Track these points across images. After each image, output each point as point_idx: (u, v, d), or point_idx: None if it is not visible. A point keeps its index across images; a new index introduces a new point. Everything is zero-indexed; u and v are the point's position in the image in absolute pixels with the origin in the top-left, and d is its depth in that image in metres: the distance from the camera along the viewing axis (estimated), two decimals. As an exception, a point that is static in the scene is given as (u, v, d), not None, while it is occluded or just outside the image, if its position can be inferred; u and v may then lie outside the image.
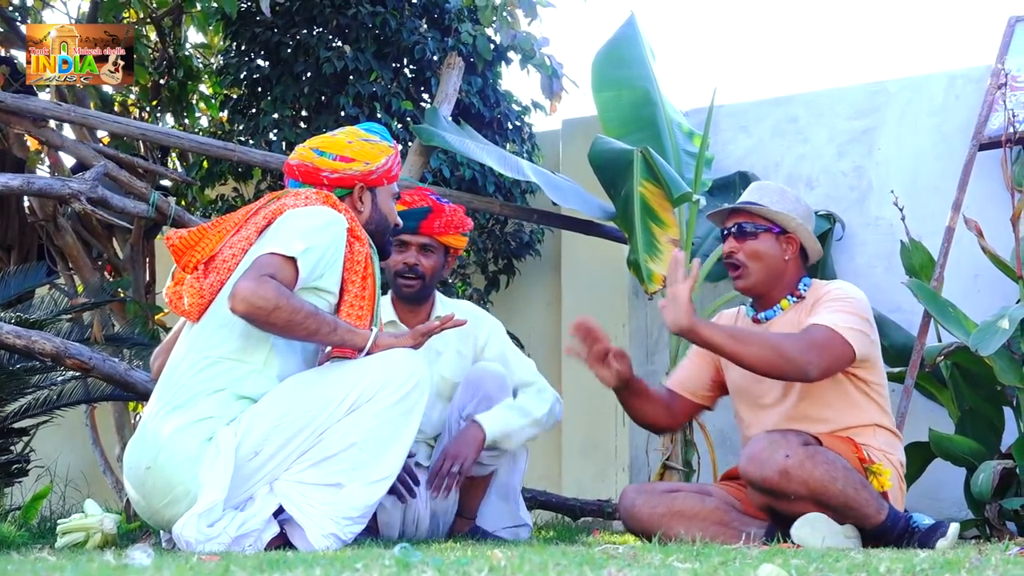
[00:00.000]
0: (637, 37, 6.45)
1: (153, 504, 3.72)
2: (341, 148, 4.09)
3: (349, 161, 4.07)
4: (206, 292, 3.84)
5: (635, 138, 6.00)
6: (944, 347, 5.23)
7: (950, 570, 2.68)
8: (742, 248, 4.42)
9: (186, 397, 3.71)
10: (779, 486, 4.00)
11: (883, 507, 4.05)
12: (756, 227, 4.42)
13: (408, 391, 3.77)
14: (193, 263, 3.89)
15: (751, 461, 4.06)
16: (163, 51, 7.46)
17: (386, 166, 4.13)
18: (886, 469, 4.23)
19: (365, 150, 4.11)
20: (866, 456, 4.24)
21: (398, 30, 6.60)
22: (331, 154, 4.08)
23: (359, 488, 3.72)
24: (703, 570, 2.64)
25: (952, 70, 6.27)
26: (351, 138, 4.13)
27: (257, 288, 3.60)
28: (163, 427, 3.69)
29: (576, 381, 6.86)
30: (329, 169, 4.05)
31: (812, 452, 4.03)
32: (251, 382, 3.75)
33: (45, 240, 7.27)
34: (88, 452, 7.50)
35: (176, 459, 3.65)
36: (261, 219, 3.90)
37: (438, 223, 4.71)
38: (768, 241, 4.42)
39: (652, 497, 4.34)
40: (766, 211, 4.41)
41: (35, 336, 4.83)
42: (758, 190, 4.54)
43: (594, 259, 6.79)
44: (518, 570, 2.49)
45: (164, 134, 6.18)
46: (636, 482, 6.58)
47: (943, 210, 5.67)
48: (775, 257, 4.42)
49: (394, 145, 4.20)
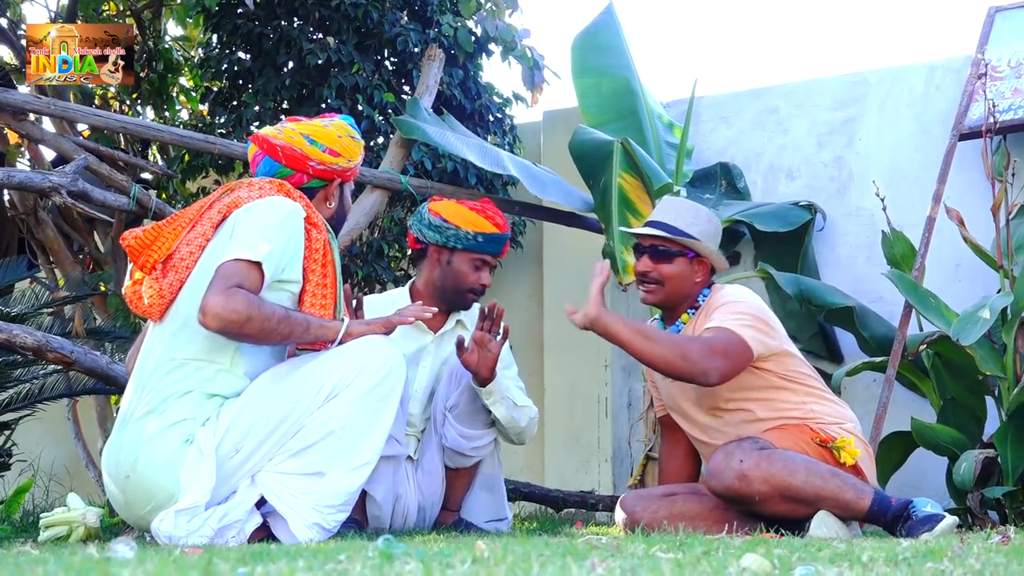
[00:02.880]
0: (616, 25, 6.45)
1: (136, 511, 3.71)
2: (332, 141, 4.06)
3: (336, 155, 4.06)
4: (166, 291, 3.80)
5: (615, 127, 6.00)
6: (926, 336, 5.24)
7: (932, 559, 2.68)
8: (656, 268, 4.51)
9: (157, 401, 3.69)
10: (741, 490, 4.07)
11: (864, 492, 4.09)
12: (670, 251, 4.50)
13: (384, 376, 3.76)
14: (151, 263, 3.83)
15: (711, 476, 4.16)
16: (143, 44, 7.44)
17: (358, 164, 4.17)
18: (848, 439, 4.32)
19: (349, 147, 4.10)
20: (825, 435, 4.32)
21: (380, 22, 6.59)
22: (323, 145, 4.04)
23: (340, 475, 3.71)
24: (686, 560, 2.64)
25: (932, 61, 6.28)
26: (341, 132, 4.10)
27: (227, 302, 3.57)
28: (138, 433, 3.67)
29: (558, 373, 6.88)
30: (318, 160, 4.03)
31: (768, 453, 4.12)
32: (219, 381, 3.74)
33: (26, 234, 7.26)
34: (70, 446, 7.49)
35: (155, 465, 3.64)
36: (216, 213, 3.85)
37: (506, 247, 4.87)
38: (681, 265, 4.51)
39: (651, 502, 4.40)
40: (682, 240, 4.47)
41: (16, 330, 4.82)
42: (673, 209, 4.58)
43: (576, 251, 6.79)
44: (501, 561, 2.49)
45: (145, 127, 6.16)
46: (618, 473, 6.61)
47: (924, 200, 5.68)
48: (686, 279, 4.52)
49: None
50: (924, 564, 2.56)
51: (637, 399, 6.67)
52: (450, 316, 4.81)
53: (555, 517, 5.80)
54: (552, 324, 6.95)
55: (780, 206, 6.22)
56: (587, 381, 6.83)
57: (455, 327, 4.80)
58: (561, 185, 6.06)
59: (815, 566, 2.45)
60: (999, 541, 3.27)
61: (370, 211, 5.85)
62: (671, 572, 2.37)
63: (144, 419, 3.68)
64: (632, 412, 6.71)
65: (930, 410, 5.47)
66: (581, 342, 6.78)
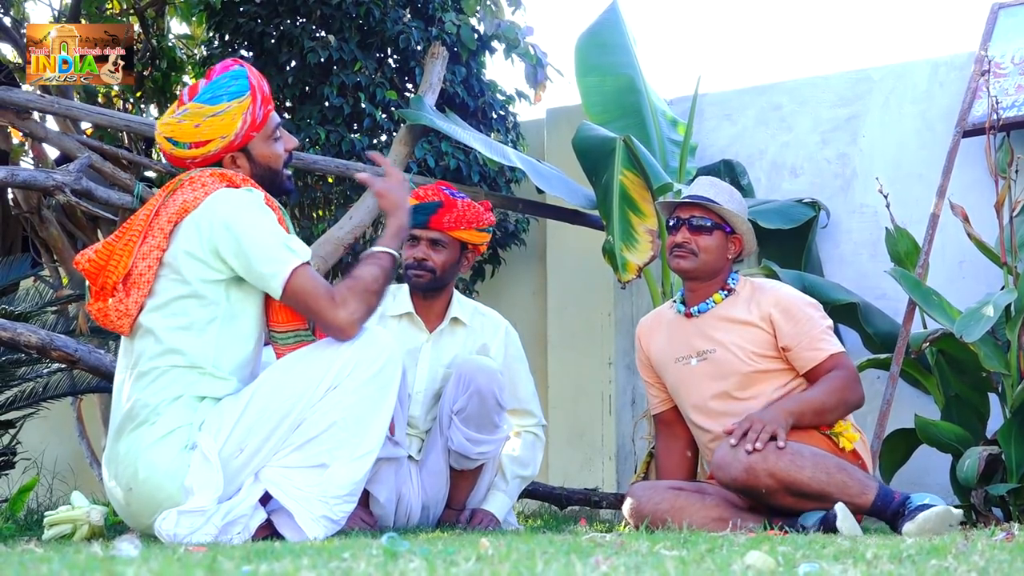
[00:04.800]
0: (620, 23, 6.45)
1: (143, 520, 3.70)
2: (190, 135, 3.85)
3: (204, 144, 3.85)
4: (131, 308, 3.74)
5: (619, 125, 6.00)
6: (929, 334, 5.24)
7: (937, 556, 2.68)
8: (693, 240, 4.55)
9: (147, 412, 3.66)
10: (748, 482, 4.11)
11: (868, 487, 4.11)
12: (710, 224, 4.55)
13: (382, 365, 3.76)
14: (111, 284, 3.77)
15: (718, 467, 4.20)
16: (146, 42, 7.44)
17: (246, 124, 3.88)
18: (846, 424, 4.40)
19: (216, 126, 3.84)
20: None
21: (382, 20, 6.59)
22: (184, 143, 3.86)
23: (344, 466, 3.71)
24: (690, 557, 2.64)
25: (935, 57, 6.27)
26: (197, 120, 3.84)
27: (345, 312, 3.70)
28: (135, 445, 3.65)
29: (562, 370, 6.88)
30: (190, 157, 3.88)
31: (774, 445, 4.13)
32: (205, 384, 3.71)
33: (29, 232, 7.25)
34: (75, 444, 7.49)
35: (157, 474, 3.62)
36: (166, 222, 3.78)
37: (447, 218, 4.69)
38: (719, 238, 4.57)
39: (656, 493, 4.41)
40: (723, 210, 4.55)
41: (20, 328, 4.82)
42: (712, 186, 4.66)
43: (579, 248, 6.79)
44: (505, 559, 2.49)
45: (148, 125, 6.16)
46: (622, 470, 6.61)
47: (927, 197, 5.67)
48: (721, 253, 4.58)
49: (247, 94, 3.87)
50: (928, 561, 2.56)
51: (641, 396, 6.66)
52: (445, 315, 4.80)
53: (559, 514, 5.80)
54: (556, 321, 6.95)
55: (783, 203, 6.22)
56: (591, 378, 6.82)
57: (450, 325, 4.79)
58: (565, 182, 6.06)
59: (819, 563, 2.45)
60: (1003, 538, 3.26)
61: (373, 209, 5.84)
62: (675, 570, 2.37)
63: (138, 430, 3.66)
64: (636, 409, 6.71)
65: (934, 407, 5.46)
66: (585, 339, 6.78)
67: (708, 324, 4.55)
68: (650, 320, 4.81)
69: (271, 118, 3.98)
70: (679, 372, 4.60)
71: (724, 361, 4.49)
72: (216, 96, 3.85)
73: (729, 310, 4.53)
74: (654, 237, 5.51)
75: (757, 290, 4.57)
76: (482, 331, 4.81)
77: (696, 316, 4.58)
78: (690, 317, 4.60)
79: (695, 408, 4.59)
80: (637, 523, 4.35)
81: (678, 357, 4.60)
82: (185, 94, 3.92)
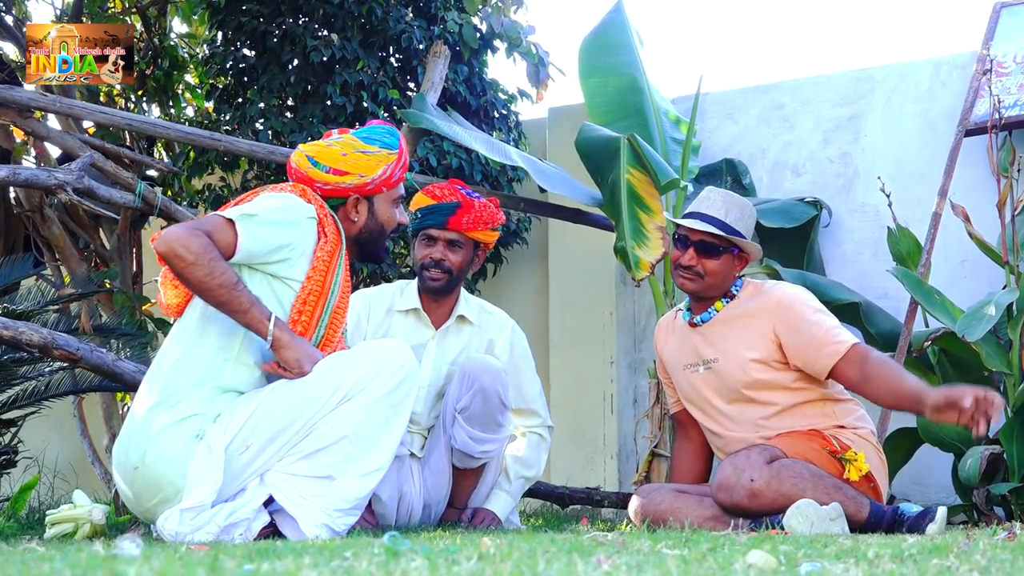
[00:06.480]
0: (624, 23, 6.44)
1: (143, 503, 3.72)
2: (335, 160, 3.99)
3: (342, 174, 3.99)
4: (183, 289, 3.87)
5: (622, 125, 5.99)
6: (931, 333, 5.24)
7: (938, 555, 2.68)
8: (700, 263, 4.54)
9: (170, 391, 3.70)
10: (751, 507, 4.16)
11: (862, 504, 4.18)
12: (719, 248, 4.54)
13: (399, 382, 3.76)
14: None
15: (720, 489, 4.22)
16: (148, 41, 7.44)
17: (384, 175, 4.04)
18: (859, 453, 4.35)
19: (360, 163, 4.00)
20: (836, 446, 4.35)
21: (384, 19, 6.59)
22: (324, 166, 3.98)
23: (350, 480, 3.71)
24: (691, 556, 2.64)
25: (937, 57, 6.27)
26: (346, 150, 4.01)
27: (185, 237, 3.61)
28: (150, 425, 3.68)
29: (564, 369, 6.88)
30: (321, 181, 3.98)
31: (778, 469, 4.17)
32: (230, 372, 3.75)
33: (31, 231, 7.25)
34: (76, 443, 7.49)
35: (164, 459, 3.64)
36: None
37: (466, 219, 4.68)
38: (726, 261, 4.56)
39: (658, 494, 4.47)
40: (732, 238, 4.53)
41: (22, 327, 4.81)
42: (723, 204, 4.61)
43: (581, 247, 6.79)
44: (507, 558, 2.49)
45: (150, 124, 6.16)
46: (624, 469, 6.62)
47: (929, 196, 5.68)
48: (728, 273, 4.59)
49: (396, 151, 4.07)
50: (930, 560, 2.56)
51: (643, 395, 6.66)
52: (452, 312, 4.80)
53: (560, 514, 5.80)
54: (558, 320, 6.95)
55: (785, 202, 6.22)
56: (593, 377, 6.82)
57: (456, 323, 4.79)
58: (567, 181, 6.05)
59: (821, 563, 2.45)
60: (1005, 537, 3.26)
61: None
62: (677, 569, 2.37)
63: (154, 411, 3.69)
64: (638, 408, 6.71)
65: (936, 406, 5.45)
66: (587, 338, 6.78)
67: (712, 331, 4.58)
68: (665, 323, 4.84)
69: (401, 186, 4.13)
70: (688, 378, 4.65)
71: (726, 372, 4.52)
72: (371, 139, 4.05)
73: (730, 313, 4.56)
74: (664, 233, 5.50)
75: (758, 291, 4.58)
76: (488, 329, 4.81)
77: (700, 325, 4.61)
78: (694, 326, 4.63)
79: (704, 413, 4.62)
80: (639, 523, 4.36)
81: (686, 364, 4.65)
82: (335, 132, 4.15)
